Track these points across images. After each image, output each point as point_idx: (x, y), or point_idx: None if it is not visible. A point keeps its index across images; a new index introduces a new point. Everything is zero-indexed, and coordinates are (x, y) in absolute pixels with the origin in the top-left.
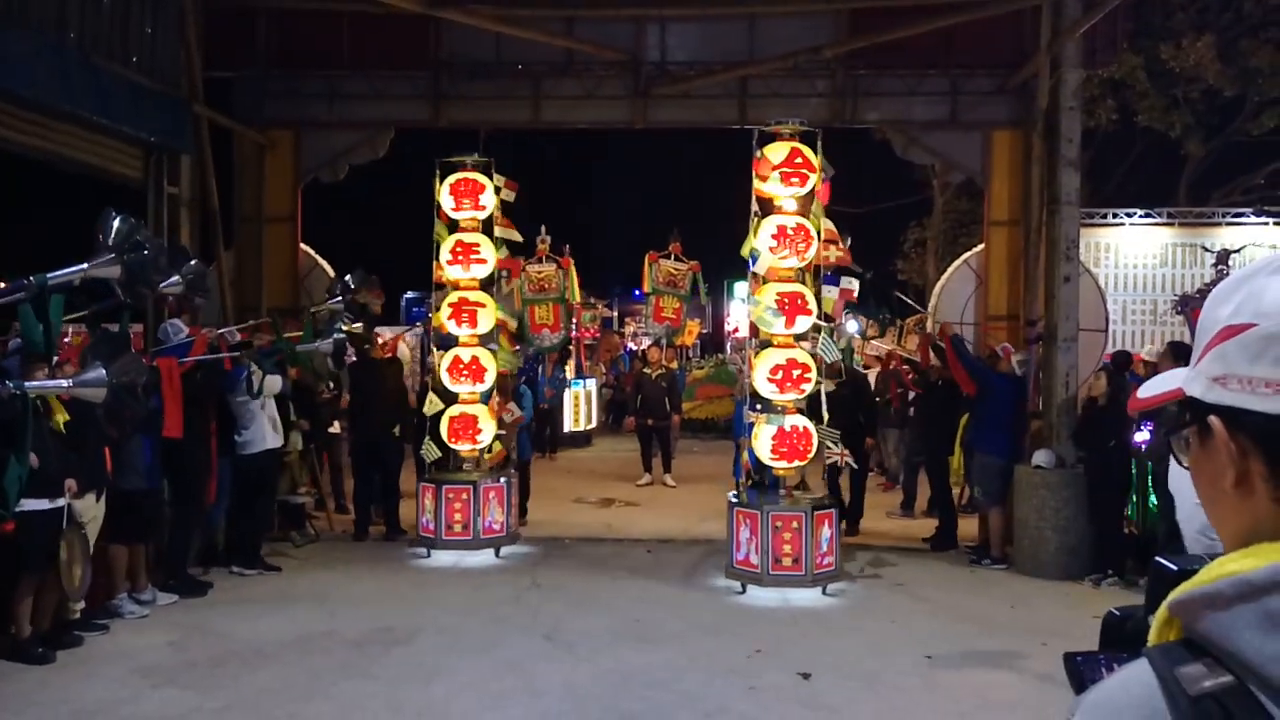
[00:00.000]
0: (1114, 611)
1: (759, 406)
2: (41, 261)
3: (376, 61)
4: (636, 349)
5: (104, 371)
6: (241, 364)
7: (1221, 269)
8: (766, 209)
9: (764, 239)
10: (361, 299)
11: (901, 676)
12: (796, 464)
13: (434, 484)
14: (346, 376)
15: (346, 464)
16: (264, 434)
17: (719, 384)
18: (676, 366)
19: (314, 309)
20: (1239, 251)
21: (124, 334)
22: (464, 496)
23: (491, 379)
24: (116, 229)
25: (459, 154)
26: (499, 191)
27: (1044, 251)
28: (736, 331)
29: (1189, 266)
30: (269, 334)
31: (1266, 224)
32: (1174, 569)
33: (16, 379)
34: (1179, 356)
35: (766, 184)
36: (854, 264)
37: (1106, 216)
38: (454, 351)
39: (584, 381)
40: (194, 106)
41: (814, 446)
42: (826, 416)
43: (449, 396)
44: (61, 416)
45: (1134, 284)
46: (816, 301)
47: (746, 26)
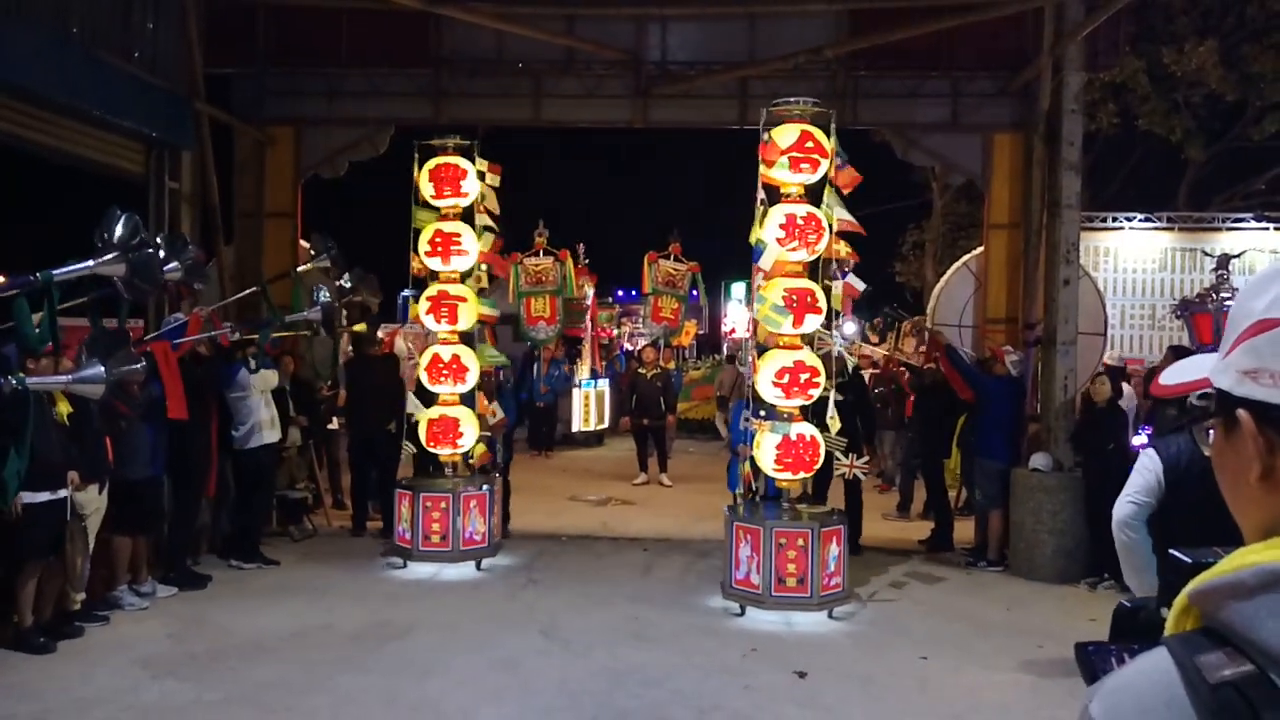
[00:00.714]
0: (1125, 603)
1: (762, 412)
2: (43, 255)
3: (377, 58)
4: (632, 349)
5: (102, 369)
6: (238, 359)
7: (1221, 274)
8: (774, 197)
9: (771, 230)
10: (360, 297)
11: (896, 677)
12: (802, 476)
13: (410, 491)
14: (344, 373)
15: (344, 459)
16: (261, 429)
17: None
18: (673, 367)
19: (300, 269)
20: (1239, 256)
21: (122, 330)
22: (442, 505)
23: (474, 379)
24: (121, 227)
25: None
26: (483, 177)
27: (1044, 255)
28: (733, 332)
29: (1188, 271)
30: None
31: (1267, 229)
32: (1189, 561)
33: (15, 368)
34: (1178, 359)
35: (774, 169)
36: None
37: (1106, 220)
38: (433, 349)
39: (596, 381)
40: (195, 102)
41: (821, 457)
42: (836, 424)
43: (429, 398)
44: (65, 408)
45: (1133, 288)
46: (826, 298)
47: (747, 27)
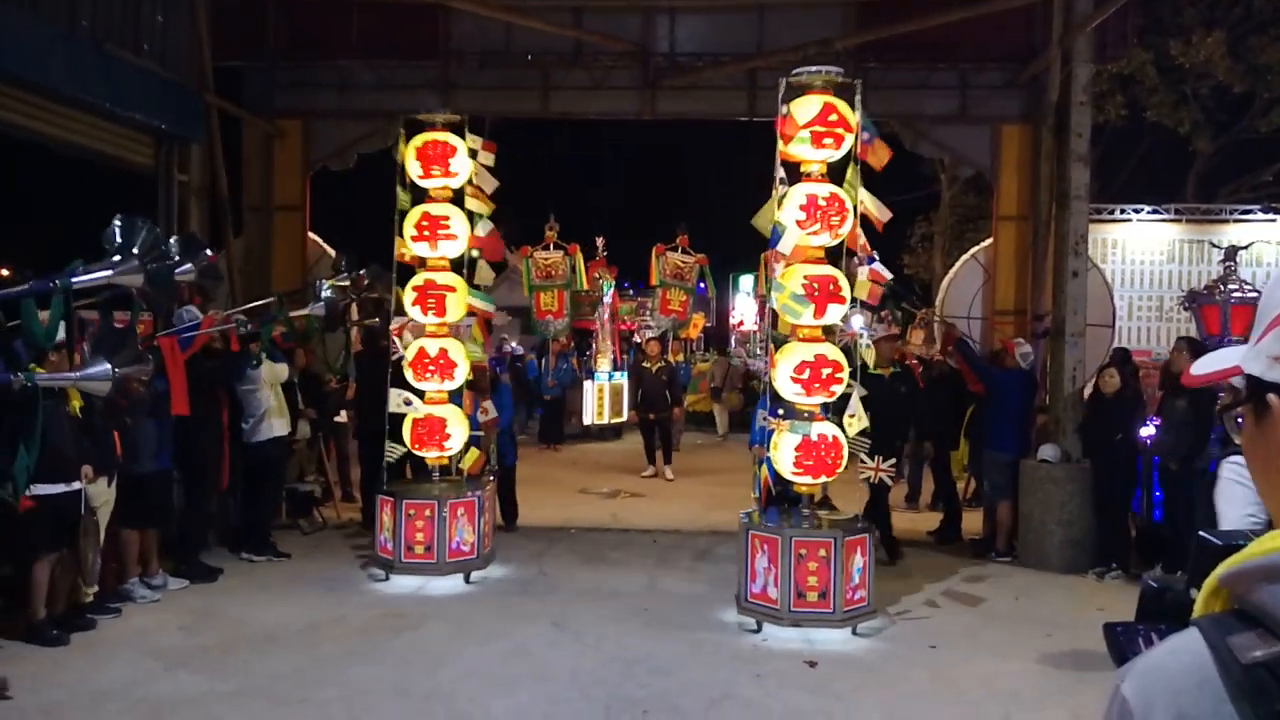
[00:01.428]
0: (1151, 583)
1: (780, 411)
2: (52, 247)
3: (386, 51)
4: (640, 341)
5: (108, 366)
6: (249, 353)
7: (1229, 266)
8: (793, 176)
9: (791, 211)
10: (376, 293)
11: (906, 665)
12: (823, 479)
13: (392, 498)
14: (354, 367)
15: (354, 452)
16: (270, 422)
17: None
18: (681, 359)
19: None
20: (1246, 248)
21: (129, 328)
22: (427, 513)
23: (463, 375)
24: (141, 238)
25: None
26: (475, 155)
27: (1052, 247)
28: (741, 325)
29: (1196, 263)
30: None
31: (1274, 220)
32: (1219, 543)
33: (25, 364)
34: (1195, 353)
35: (793, 145)
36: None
37: (1114, 212)
38: (419, 343)
39: (615, 374)
40: (205, 95)
41: (844, 459)
42: (858, 424)
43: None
44: (77, 402)
45: (1141, 280)
46: (850, 286)
47: (756, 18)
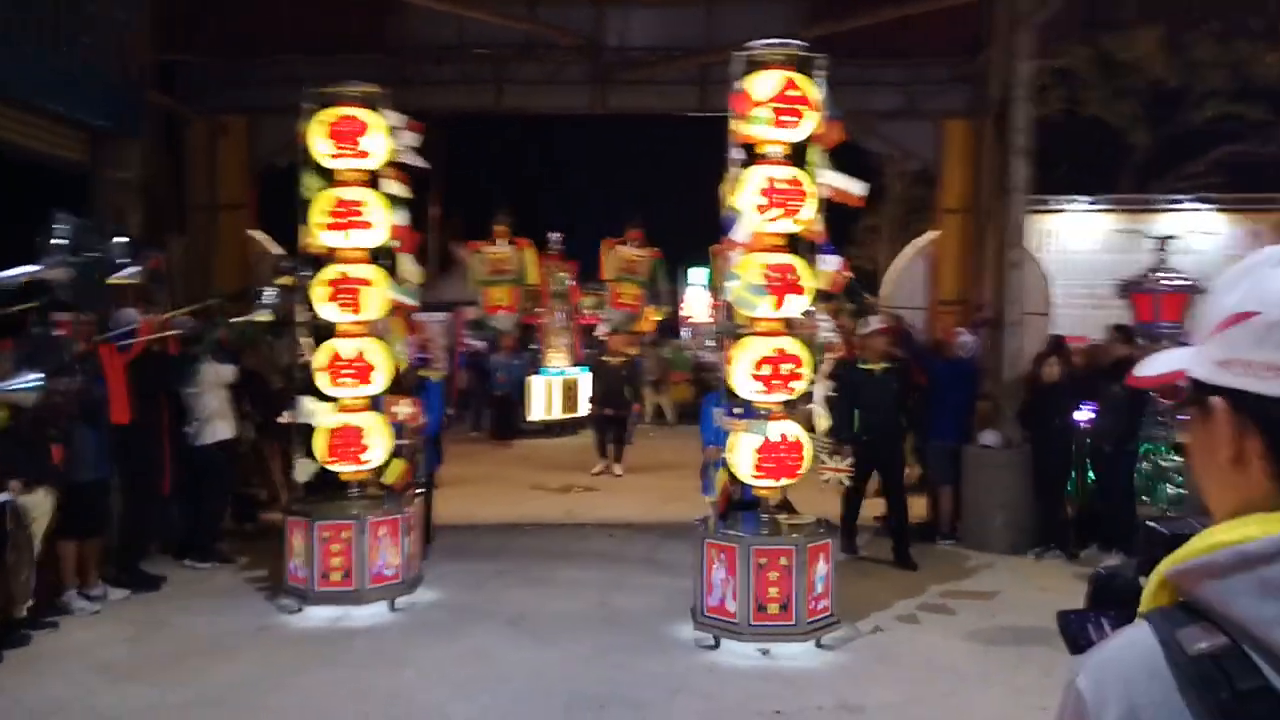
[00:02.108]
0: (1101, 571)
1: (737, 410)
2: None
3: (335, 46)
4: (602, 335)
5: (36, 377)
6: (192, 355)
7: (1160, 255)
8: (751, 158)
9: (748, 196)
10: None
11: (853, 647)
12: (785, 482)
13: (303, 518)
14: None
15: None
16: (216, 425)
17: (676, 369)
18: (638, 353)
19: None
20: (1178, 238)
21: (57, 337)
22: (344, 535)
23: (383, 379)
24: (67, 232)
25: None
26: (393, 134)
27: (993, 238)
28: (691, 318)
29: (1130, 252)
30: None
31: (1205, 210)
32: (1166, 532)
33: None
34: (1127, 338)
35: (750, 124)
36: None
37: (1051, 203)
38: (331, 344)
39: (569, 369)
40: (143, 91)
41: (806, 461)
42: (824, 422)
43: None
44: (3, 413)
45: (1076, 269)
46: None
47: (705, 13)
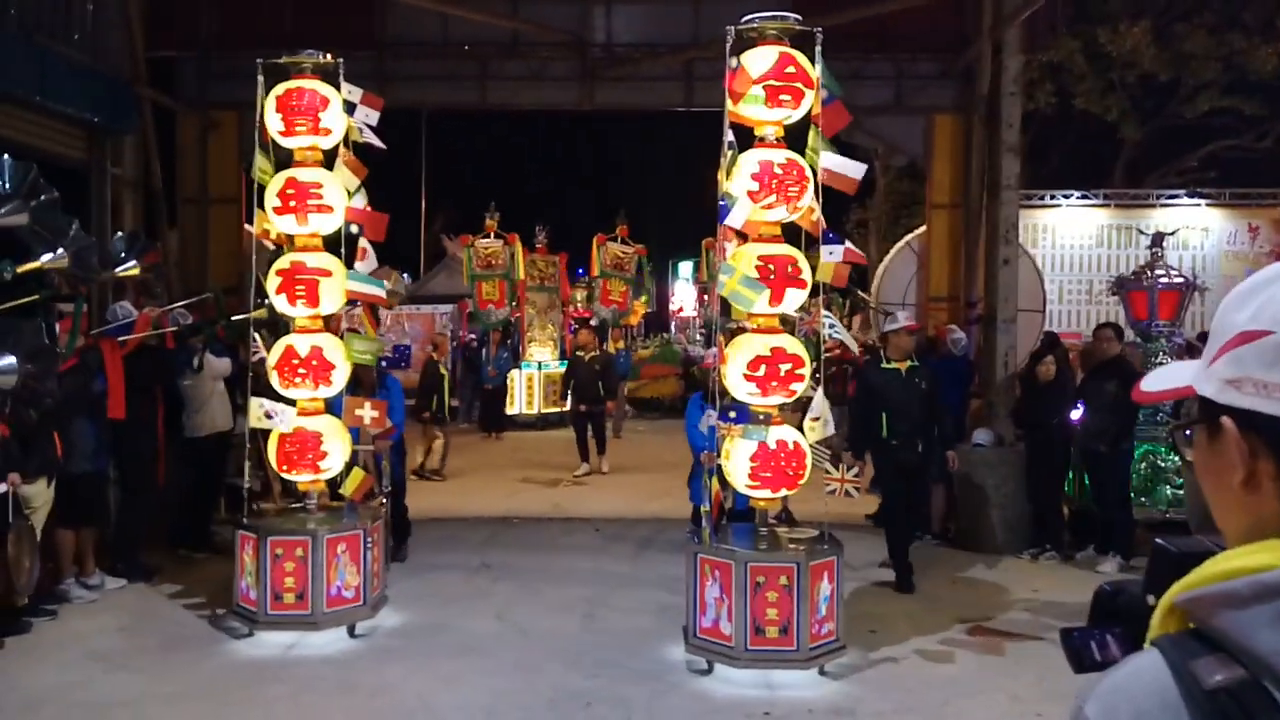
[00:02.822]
0: (1106, 586)
1: (732, 414)
2: None
3: (321, 42)
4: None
5: (13, 360)
6: (189, 347)
7: (1156, 251)
8: (745, 141)
9: (742, 181)
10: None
11: (845, 650)
12: (783, 493)
13: (253, 534)
14: None
15: None
16: (213, 416)
17: (664, 363)
18: (622, 347)
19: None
20: (1173, 234)
21: (37, 323)
22: (298, 553)
23: (341, 379)
24: (10, 174)
25: (405, 136)
26: (352, 111)
27: (984, 234)
28: (680, 311)
29: (1124, 248)
30: (212, 311)
31: (1199, 205)
32: (1175, 550)
33: None
34: (1121, 338)
35: (744, 105)
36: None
37: (1044, 198)
38: (285, 341)
39: (553, 363)
40: (137, 87)
41: (807, 469)
42: (826, 429)
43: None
44: None
45: (1070, 265)
46: (811, 270)
47: (691, 9)
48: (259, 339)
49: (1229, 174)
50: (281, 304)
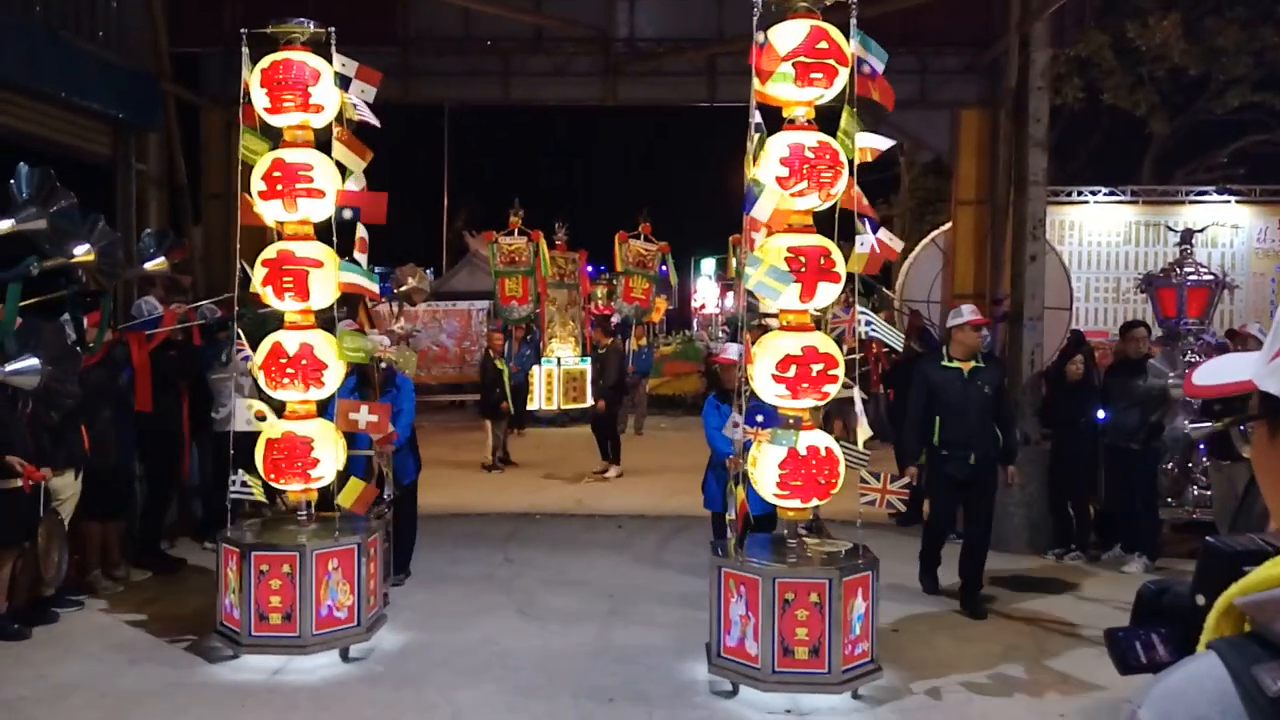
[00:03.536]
0: (1150, 585)
1: (759, 418)
2: (3, 241)
3: (342, 37)
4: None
5: (37, 360)
6: (218, 341)
7: (1185, 249)
8: (774, 124)
9: (770, 167)
10: (407, 287)
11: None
12: (815, 503)
13: (238, 549)
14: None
15: None
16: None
17: (686, 360)
18: (645, 343)
19: None
20: (1203, 231)
21: (61, 323)
22: (285, 569)
23: (335, 380)
24: (27, 180)
25: (428, 133)
26: (347, 85)
27: (1010, 231)
28: (703, 308)
29: (1152, 245)
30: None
31: (1229, 202)
32: (1227, 550)
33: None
34: (1145, 334)
35: (772, 84)
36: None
37: (1071, 194)
38: (273, 338)
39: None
40: (162, 83)
41: (840, 477)
42: (865, 432)
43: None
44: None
45: (1098, 262)
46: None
47: (715, 4)
48: (243, 335)
49: (1259, 170)
50: (269, 296)
